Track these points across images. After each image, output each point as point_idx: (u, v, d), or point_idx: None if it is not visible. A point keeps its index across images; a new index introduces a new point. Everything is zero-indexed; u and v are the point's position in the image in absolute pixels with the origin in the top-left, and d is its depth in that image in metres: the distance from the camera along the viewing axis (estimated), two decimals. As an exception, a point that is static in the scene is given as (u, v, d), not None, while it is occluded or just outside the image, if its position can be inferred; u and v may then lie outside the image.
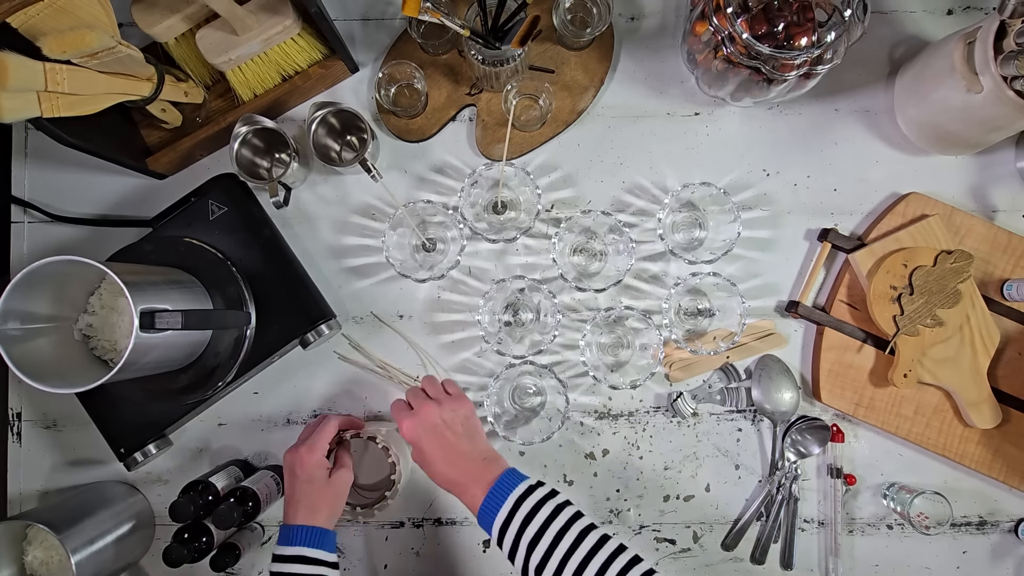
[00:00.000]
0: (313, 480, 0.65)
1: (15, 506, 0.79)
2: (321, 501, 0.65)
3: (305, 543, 0.63)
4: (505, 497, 0.57)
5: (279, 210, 0.77)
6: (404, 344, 0.80)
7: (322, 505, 0.65)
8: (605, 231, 0.79)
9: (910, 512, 0.73)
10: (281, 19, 0.73)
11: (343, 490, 0.67)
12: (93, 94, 0.65)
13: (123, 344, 0.59)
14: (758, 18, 0.68)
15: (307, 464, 0.65)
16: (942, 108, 0.74)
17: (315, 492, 0.65)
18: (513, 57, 0.74)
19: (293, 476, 0.66)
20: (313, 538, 0.63)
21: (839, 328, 0.78)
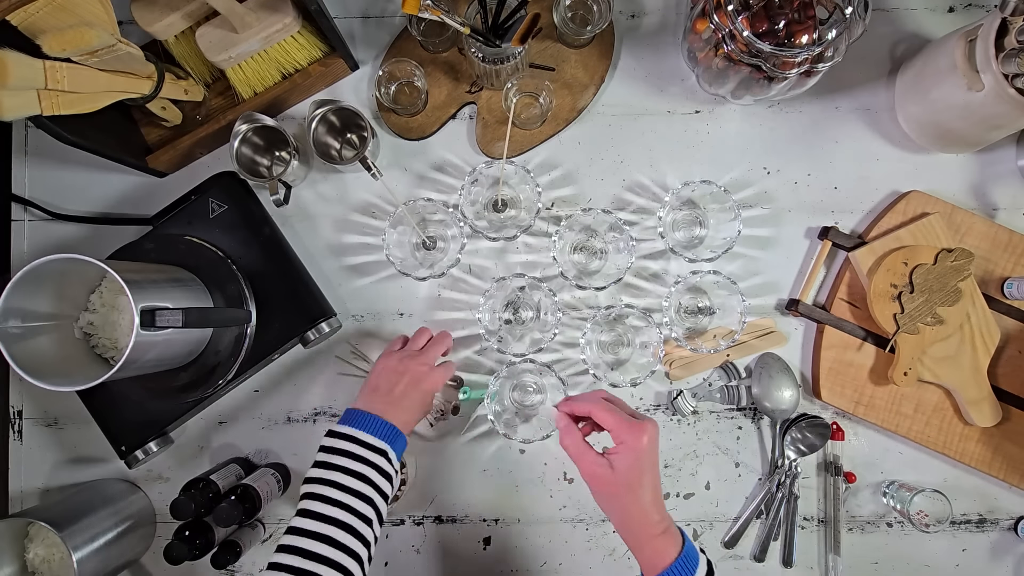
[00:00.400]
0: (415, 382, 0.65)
1: (16, 504, 0.80)
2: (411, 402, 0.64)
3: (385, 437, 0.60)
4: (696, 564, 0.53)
5: (279, 208, 0.77)
6: (404, 342, 0.80)
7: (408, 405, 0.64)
8: (605, 229, 0.79)
9: (910, 510, 0.73)
10: (281, 17, 0.72)
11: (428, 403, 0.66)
12: (93, 92, 0.65)
13: (124, 342, 0.59)
14: (759, 16, 0.68)
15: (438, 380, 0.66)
16: (943, 106, 0.74)
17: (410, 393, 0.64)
18: (513, 55, 0.74)
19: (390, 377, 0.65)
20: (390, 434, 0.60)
21: (839, 326, 0.78)
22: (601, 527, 0.79)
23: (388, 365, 0.67)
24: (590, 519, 0.79)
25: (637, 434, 0.53)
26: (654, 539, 0.53)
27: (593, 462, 0.54)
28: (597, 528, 0.79)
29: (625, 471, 0.53)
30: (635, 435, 0.53)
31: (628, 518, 0.54)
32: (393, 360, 0.67)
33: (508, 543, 0.79)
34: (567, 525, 0.79)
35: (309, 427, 0.80)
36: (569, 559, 0.79)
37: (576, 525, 0.79)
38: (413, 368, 0.66)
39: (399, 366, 0.66)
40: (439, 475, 0.80)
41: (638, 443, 0.53)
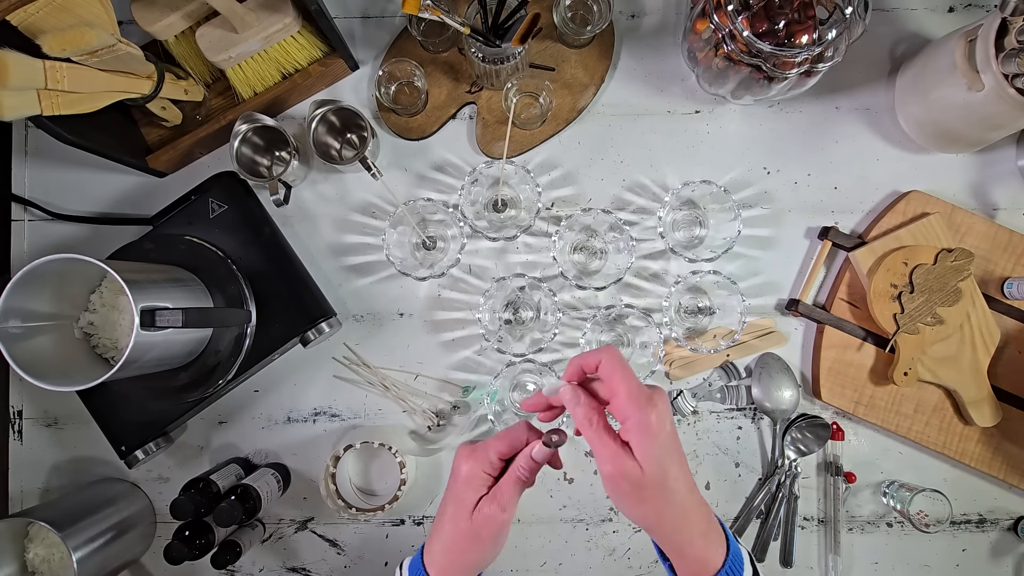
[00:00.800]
0: (461, 503, 0.47)
1: (16, 504, 0.80)
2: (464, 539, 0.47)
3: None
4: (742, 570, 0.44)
5: (279, 208, 0.77)
6: (405, 343, 0.80)
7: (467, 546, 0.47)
8: (605, 229, 0.79)
9: (910, 510, 0.73)
10: (281, 17, 0.72)
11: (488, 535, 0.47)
12: (93, 92, 0.65)
13: (124, 342, 0.59)
14: (759, 16, 0.68)
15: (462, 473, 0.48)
16: (943, 106, 0.74)
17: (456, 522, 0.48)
18: (513, 55, 0.74)
19: (451, 481, 0.49)
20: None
21: (839, 326, 0.78)
22: (601, 527, 0.79)
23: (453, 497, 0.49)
24: (590, 519, 0.79)
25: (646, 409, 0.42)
26: (695, 543, 0.44)
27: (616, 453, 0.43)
28: (597, 528, 0.79)
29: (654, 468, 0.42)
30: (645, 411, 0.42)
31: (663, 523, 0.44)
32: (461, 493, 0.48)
33: (508, 543, 0.78)
34: (567, 525, 0.79)
35: (309, 427, 0.80)
36: (569, 559, 0.79)
37: (576, 525, 0.79)
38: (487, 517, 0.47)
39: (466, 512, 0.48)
40: (439, 475, 0.80)
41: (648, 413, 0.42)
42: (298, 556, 0.79)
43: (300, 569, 0.79)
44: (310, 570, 0.79)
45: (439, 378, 0.80)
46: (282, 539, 0.79)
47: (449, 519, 0.48)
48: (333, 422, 0.80)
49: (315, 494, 0.79)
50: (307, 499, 0.79)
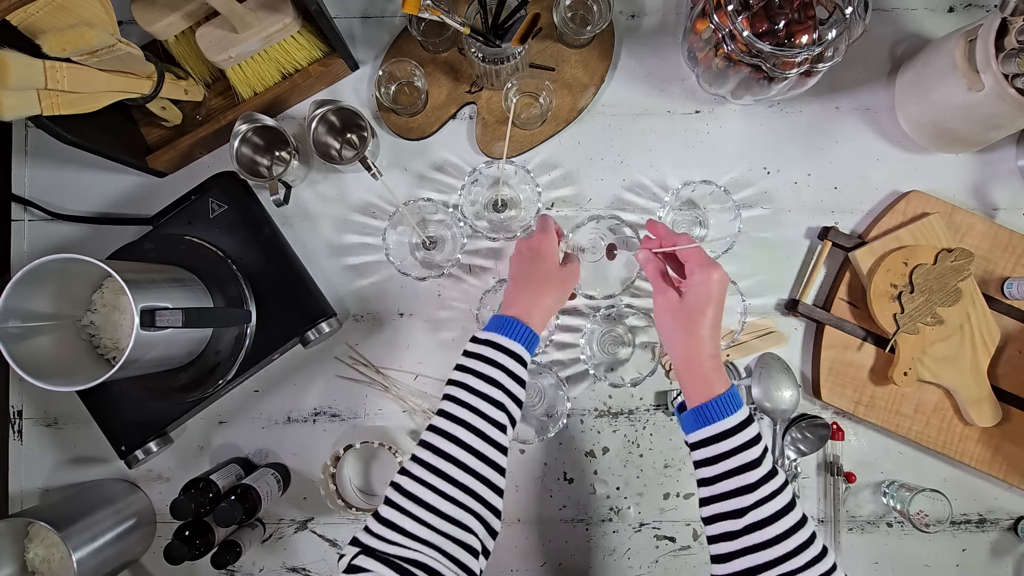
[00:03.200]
0: (547, 259, 0.64)
1: (16, 504, 0.80)
2: (550, 283, 0.63)
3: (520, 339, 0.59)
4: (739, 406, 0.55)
5: (279, 208, 0.77)
6: (405, 342, 0.80)
7: (554, 288, 0.63)
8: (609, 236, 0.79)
9: (910, 510, 0.73)
10: (281, 17, 0.72)
11: (572, 280, 0.66)
12: (93, 92, 0.65)
13: (125, 342, 0.59)
14: (759, 16, 0.68)
15: (540, 244, 0.64)
16: (943, 106, 0.74)
17: (544, 271, 0.63)
18: (513, 55, 0.74)
19: (526, 254, 0.64)
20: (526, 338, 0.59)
21: (839, 326, 0.78)
22: (601, 527, 0.79)
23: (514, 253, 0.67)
24: (590, 519, 0.79)
25: (710, 269, 0.57)
26: (706, 369, 0.56)
27: (666, 288, 0.59)
28: (597, 528, 0.79)
29: (693, 300, 0.57)
30: (708, 269, 0.57)
31: (685, 344, 0.57)
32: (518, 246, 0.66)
33: (508, 543, 0.79)
34: (567, 525, 0.79)
35: (309, 427, 0.80)
36: (569, 559, 0.79)
37: (576, 525, 0.79)
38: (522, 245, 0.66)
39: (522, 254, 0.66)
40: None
41: (709, 276, 0.56)
42: (298, 556, 0.79)
43: (300, 569, 0.79)
44: (310, 570, 0.79)
45: (439, 378, 0.80)
46: (282, 539, 0.79)
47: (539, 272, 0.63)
48: (333, 422, 0.80)
49: (315, 494, 0.79)
50: (307, 499, 0.79)
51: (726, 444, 0.53)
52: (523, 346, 0.59)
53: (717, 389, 0.55)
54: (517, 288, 0.63)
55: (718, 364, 0.56)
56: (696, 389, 0.56)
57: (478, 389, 0.56)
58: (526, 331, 0.59)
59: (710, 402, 0.54)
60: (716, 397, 0.54)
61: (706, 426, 0.54)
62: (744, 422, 0.54)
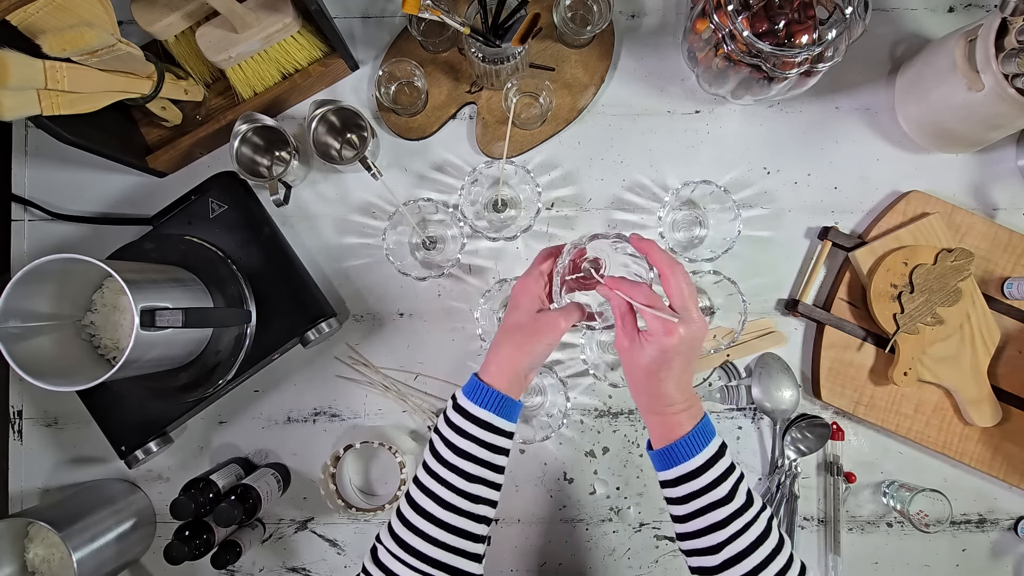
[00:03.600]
0: (519, 308, 0.57)
1: (16, 504, 0.80)
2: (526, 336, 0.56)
3: (491, 408, 0.55)
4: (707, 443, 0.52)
5: (279, 208, 0.77)
6: (405, 343, 0.80)
7: (526, 343, 0.56)
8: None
9: (910, 510, 0.73)
10: (281, 17, 0.72)
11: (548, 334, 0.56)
12: (93, 92, 0.65)
13: (125, 342, 0.59)
14: (759, 16, 0.68)
15: (517, 288, 0.58)
16: (943, 106, 0.74)
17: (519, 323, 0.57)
18: (513, 55, 0.74)
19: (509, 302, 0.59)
20: (498, 404, 0.55)
21: (839, 326, 0.78)
22: (601, 527, 0.79)
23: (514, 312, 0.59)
24: (590, 519, 0.79)
25: (668, 330, 0.52)
26: (668, 416, 0.53)
27: (630, 333, 0.54)
28: (597, 528, 0.79)
29: (654, 355, 0.52)
30: (665, 330, 0.52)
31: (647, 396, 0.54)
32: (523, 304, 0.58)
33: (508, 543, 0.79)
34: (567, 525, 0.79)
35: (309, 427, 0.80)
36: (569, 559, 0.79)
37: (576, 525, 0.79)
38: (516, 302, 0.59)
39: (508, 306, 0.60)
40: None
41: (667, 340, 0.52)
42: (298, 556, 0.79)
43: (300, 569, 0.79)
44: (310, 570, 0.79)
45: (439, 378, 0.80)
46: (282, 539, 0.79)
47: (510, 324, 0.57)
48: (333, 422, 0.80)
49: (315, 494, 0.79)
50: (307, 499, 0.79)
51: (695, 483, 0.52)
52: (496, 414, 0.55)
53: (683, 428, 0.53)
54: (496, 339, 0.58)
55: (689, 405, 0.54)
56: (660, 433, 0.54)
57: (451, 462, 0.54)
58: (496, 397, 0.55)
59: (676, 443, 0.53)
60: (682, 437, 0.52)
61: (673, 466, 0.53)
62: (713, 457, 0.52)
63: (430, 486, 0.54)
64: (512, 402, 0.56)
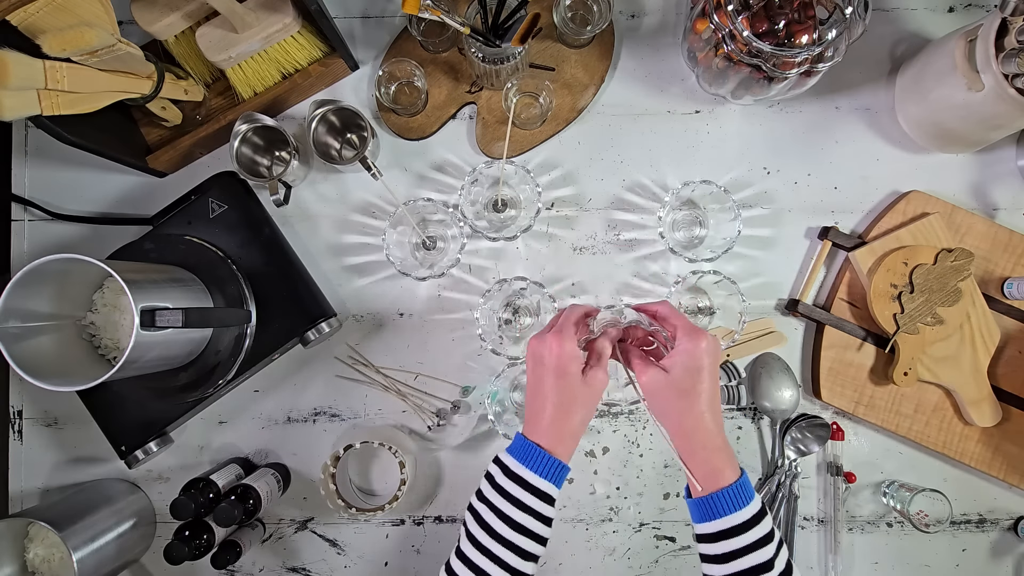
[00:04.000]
0: (567, 375, 0.53)
1: (16, 504, 0.80)
2: (575, 402, 0.53)
3: (547, 476, 0.52)
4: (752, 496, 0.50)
5: (279, 208, 0.77)
6: (405, 343, 0.80)
7: (576, 408, 0.53)
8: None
9: (910, 510, 0.73)
10: (281, 17, 0.72)
11: (598, 393, 0.55)
12: (93, 92, 0.65)
13: (126, 342, 0.59)
14: (759, 16, 0.68)
15: (558, 353, 0.53)
16: (943, 106, 0.74)
17: (567, 389, 0.53)
18: (513, 55, 0.74)
19: (541, 366, 0.54)
20: (552, 471, 0.52)
21: (839, 326, 0.78)
22: (601, 527, 0.79)
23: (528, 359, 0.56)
24: (590, 519, 0.79)
25: (696, 338, 0.52)
26: (709, 451, 0.51)
27: (647, 367, 0.54)
28: (597, 528, 0.79)
29: (680, 375, 0.51)
30: (694, 338, 0.52)
31: (682, 425, 0.52)
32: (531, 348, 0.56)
33: (508, 543, 0.79)
34: (567, 525, 0.79)
35: (309, 427, 0.80)
36: (569, 559, 0.79)
37: (576, 525, 0.79)
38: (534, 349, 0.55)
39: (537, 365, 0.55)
40: (439, 475, 0.80)
41: (696, 347, 0.52)
42: (298, 556, 0.79)
43: (300, 569, 0.79)
44: (310, 570, 0.79)
45: (439, 378, 0.80)
46: (282, 539, 0.79)
47: (557, 392, 0.54)
48: (333, 422, 0.80)
49: (315, 494, 0.79)
50: (307, 499, 0.79)
51: (737, 542, 0.49)
52: (551, 483, 0.52)
53: (726, 477, 0.50)
54: (539, 404, 0.54)
55: (724, 444, 0.51)
56: (702, 475, 0.51)
57: (500, 533, 0.51)
58: (555, 464, 0.52)
59: (718, 493, 0.50)
60: (725, 488, 0.50)
61: (715, 519, 0.50)
62: (756, 516, 0.49)
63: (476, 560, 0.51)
64: (567, 468, 0.54)
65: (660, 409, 0.54)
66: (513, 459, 0.53)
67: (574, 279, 0.80)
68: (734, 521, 0.49)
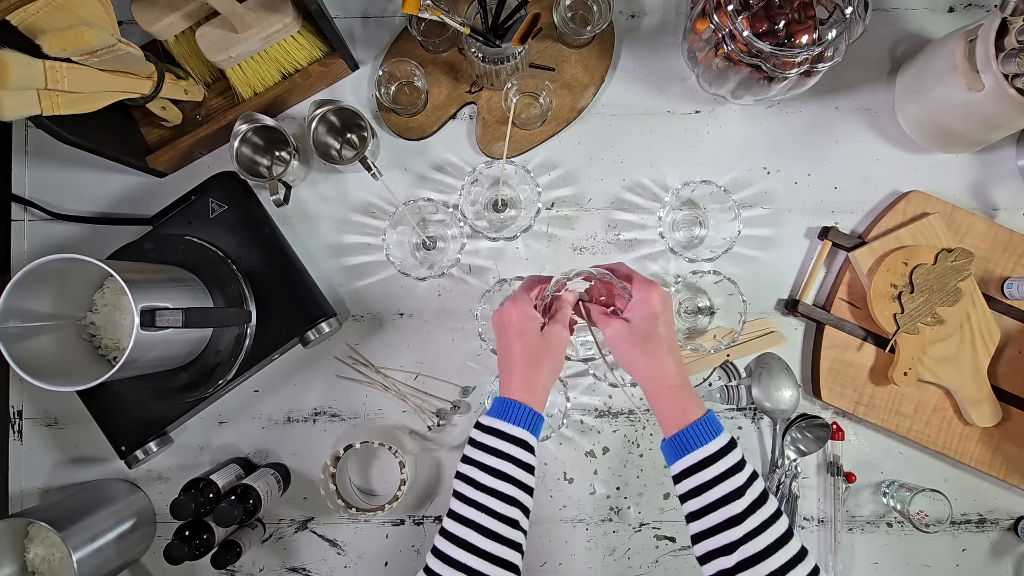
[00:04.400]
0: (526, 333, 0.59)
1: (16, 504, 0.80)
2: (538, 357, 0.58)
3: (523, 424, 0.57)
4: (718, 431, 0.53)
5: (279, 208, 0.77)
6: (405, 343, 0.80)
7: (542, 362, 0.58)
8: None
9: (910, 510, 0.73)
10: (281, 17, 0.72)
11: (559, 346, 0.60)
12: (93, 92, 0.65)
13: (126, 342, 0.59)
14: (759, 16, 0.68)
15: (516, 317, 0.59)
16: (943, 106, 0.74)
17: (528, 346, 0.59)
18: (513, 55, 0.74)
19: (504, 331, 0.60)
20: (529, 420, 0.57)
21: (839, 326, 0.78)
22: (601, 527, 0.79)
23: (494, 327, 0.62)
24: (590, 519, 0.79)
25: (650, 288, 0.58)
26: (674, 389, 0.55)
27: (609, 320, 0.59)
28: (597, 528, 0.79)
29: (639, 323, 0.57)
30: (648, 289, 0.58)
31: (648, 368, 0.57)
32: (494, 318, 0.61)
33: (508, 543, 0.79)
34: (567, 525, 0.79)
35: (309, 427, 0.80)
36: (569, 559, 0.79)
37: (576, 525, 0.79)
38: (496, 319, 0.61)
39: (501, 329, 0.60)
40: (439, 475, 0.80)
41: (650, 295, 0.57)
42: (298, 556, 0.79)
43: (300, 569, 0.79)
44: (310, 570, 0.79)
45: (439, 378, 0.80)
46: (282, 539, 0.79)
47: (520, 349, 0.59)
48: (333, 422, 0.80)
49: (315, 494, 0.79)
50: (307, 499, 0.79)
51: (708, 472, 0.52)
52: (528, 431, 0.57)
53: (692, 413, 0.54)
54: (507, 365, 0.59)
55: (686, 383, 0.56)
56: (670, 413, 0.55)
57: (487, 485, 0.54)
58: (529, 413, 0.57)
59: (687, 428, 0.53)
60: (693, 423, 0.53)
61: (686, 454, 0.53)
62: (725, 447, 0.53)
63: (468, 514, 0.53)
64: (541, 417, 0.59)
65: (625, 357, 0.58)
66: (490, 416, 0.58)
67: (574, 279, 0.81)
68: (704, 453, 0.53)
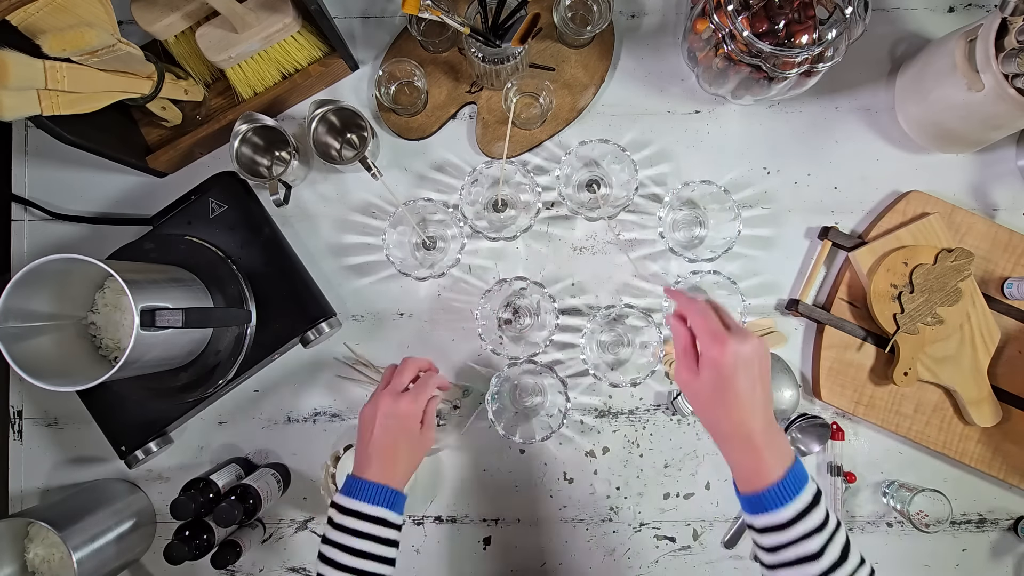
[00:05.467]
0: (407, 431, 0.61)
1: (16, 504, 0.80)
2: (407, 455, 0.61)
3: (383, 503, 0.58)
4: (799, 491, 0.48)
5: (279, 208, 0.77)
6: (405, 343, 0.80)
7: (404, 459, 0.61)
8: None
9: (910, 510, 0.73)
10: (281, 17, 0.72)
11: (427, 447, 0.63)
12: (93, 92, 0.65)
13: (126, 342, 0.59)
14: (759, 16, 0.68)
15: (406, 414, 0.61)
16: (943, 106, 0.74)
17: (403, 444, 0.61)
18: (513, 55, 0.74)
19: (385, 423, 0.60)
20: (388, 499, 0.58)
21: (839, 326, 0.78)
22: (601, 527, 0.79)
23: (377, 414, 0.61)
24: (590, 519, 0.79)
25: (720, 344, 0.49)
26: (745, 453, 0.50)
27: (684, 367, 0.52)
28: (597, 528, 0.79)
29: (708, 382, 0.50)
30: (718, 345, 0.49)
31: (718, 428, 0.51)
32: (383, 407, 0.61)
33: (508, 543, 0.79)
34: (567, 525, 0.79)
35: (309, 427, 0.80)
36: (569, 559, 0.79)
37: (576, 525, 0.79)
38: (384, 406, 0.61)
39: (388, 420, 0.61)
40: (439, 475, 0.80)
41: (720, 357, 0.49)
42: (298, 556, 0.79)
43: (300, 569, 0.79)
44: (310, 570, 0.79)
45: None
46: (282, 539, 0.79)
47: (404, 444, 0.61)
48: (333, 422, 0.80)
49: (315, 494, 0.79)
50: (307, 499, 0.79)
51: (783, 536, 0.48)
52: (387, 508, 0.58)
53: (767, 478, 0.48)
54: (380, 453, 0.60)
55: (766, 444, 0.49)
56: (745, 476, 0.50)
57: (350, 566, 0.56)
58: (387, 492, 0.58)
59: (763, 492, 0.49)
60: (766, 488, 0.48)
61: (760, 514, 0.49)
62: (805, 510, 0.48)
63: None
64: (402, 496, 0.60)
65: (696, 408, 0.54)
66: (347, 497, 0.59)
67: (574, 279, 0.81)
68: (778, 519, 0.48)
